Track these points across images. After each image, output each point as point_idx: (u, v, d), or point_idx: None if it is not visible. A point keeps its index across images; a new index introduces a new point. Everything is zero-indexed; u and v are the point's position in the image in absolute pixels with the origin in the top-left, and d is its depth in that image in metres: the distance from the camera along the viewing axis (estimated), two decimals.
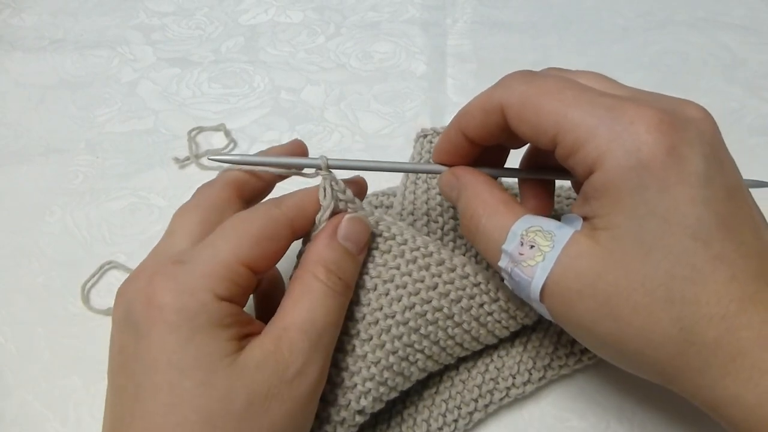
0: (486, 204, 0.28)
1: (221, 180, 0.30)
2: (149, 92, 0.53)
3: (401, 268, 0.30)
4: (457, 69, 0.55)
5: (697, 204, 0.23)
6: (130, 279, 0.27)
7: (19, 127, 0.51)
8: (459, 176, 0.30)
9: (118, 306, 0.26)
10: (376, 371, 0.28)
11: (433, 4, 0.61)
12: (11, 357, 0.37)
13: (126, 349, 0.25)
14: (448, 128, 0.31)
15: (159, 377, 0.24)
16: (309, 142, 0.49)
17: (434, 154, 0.32)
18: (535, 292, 0.25)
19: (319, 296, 0.27)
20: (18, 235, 0.43)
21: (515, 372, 0.34)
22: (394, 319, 0.29)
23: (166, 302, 0.24)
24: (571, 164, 0.25)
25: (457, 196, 0.30)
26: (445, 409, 0.33)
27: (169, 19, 0.61)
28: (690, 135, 0.24)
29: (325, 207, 0.28)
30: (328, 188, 0.29)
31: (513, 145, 0.31)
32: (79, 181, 0.47)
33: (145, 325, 0.24)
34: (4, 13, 0.62)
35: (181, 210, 0.29)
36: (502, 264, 0.27)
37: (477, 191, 0.29)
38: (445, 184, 0.31)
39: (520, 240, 0.26)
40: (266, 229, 0.27)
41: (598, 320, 0.24)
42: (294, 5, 0.62)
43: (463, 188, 0.29)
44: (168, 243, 0.28)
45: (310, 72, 0.55)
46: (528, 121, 0.26)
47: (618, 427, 0.33)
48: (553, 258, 0.25)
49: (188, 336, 0.24)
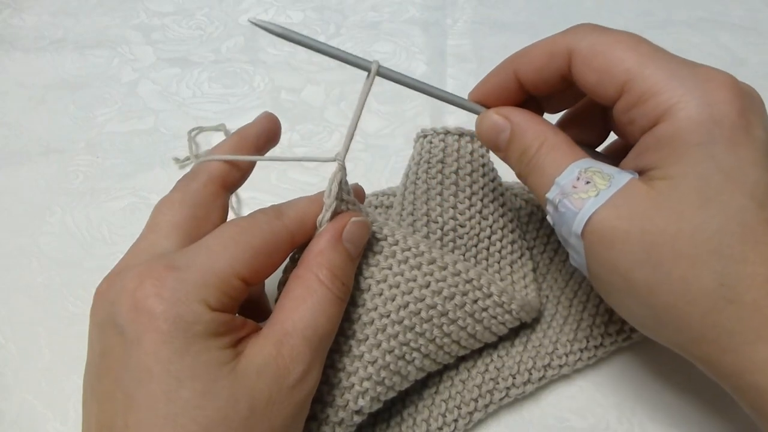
0: (547, 140, 0.28)
1: (205, 173, 0.29)
2: (149, 92, 0.53)
3: (393, 268, 0.30)
4: (457, 69, 0.55)
5: (758, 167, 0.24)
6: (112, 278, 0.26)
7: (19, 127, 0.51)
8: (510, 115, 0.29)
9: (100, 307, 0.25)
10: (373, 371, 0.28)
11: (433, 4, 0.61)
12: (11, 357, 0.37)
13: (110, 354, 0.24)
14: (496, 69, 0.30)
15: (154, 387, 0.23)
16: (309, 142, 0.49)
17: (473, 94, 0.31)
18: (579, 225, 0.25)
19: (322, 302, 0.26)
20: (18, 235, 0.43)
21: (515, 372, 0.34)
22: (389, 319, 0.29)
23: (157, 310, 0.23)
24: (633, 115, 0.26)
25: (504, 136, 0.29)
26: (444, 409, 0.33)
27: (169, 19, 0.61)
28: (755, 104, 0.25)
29: (327, 206, 0.28)
30: (336, 185, 0.28)
31: (551, 107, 0.31)
32: (79, 181, 0.47)
33: (133, 331, 0.23)
34: (4, 13, 0.62)
35: (165, 204, 0.28)
36: (550, 195, 0.26)
37: (536, 129, 0.28)
38: (488, 123, 0.30)
39: (577, 175, 0.26)
40: (267, 244, 0.26)
41: (636, 266, 0.24)
42: (294, 5, 0.62)
43: (516, 125, 0.29)
44: (151, 240, 0.27)
45: (310, 72, 0.55)
46: (596, 68, 0.26)
47: (618, 427, 0.33)
48: (606, 196, 0.25)
49: (183, 346, 0.23)
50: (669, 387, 0.34)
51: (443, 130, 0.37)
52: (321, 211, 0.28)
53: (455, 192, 0.36)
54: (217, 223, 0.29)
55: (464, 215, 0.36)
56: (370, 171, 0.46)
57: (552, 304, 0.37)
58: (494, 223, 0.37)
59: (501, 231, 0.37)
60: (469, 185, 0.37)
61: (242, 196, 0.45)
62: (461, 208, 0.36)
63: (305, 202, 0.29)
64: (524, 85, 0.29)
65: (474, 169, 0.37)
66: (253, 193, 0.45)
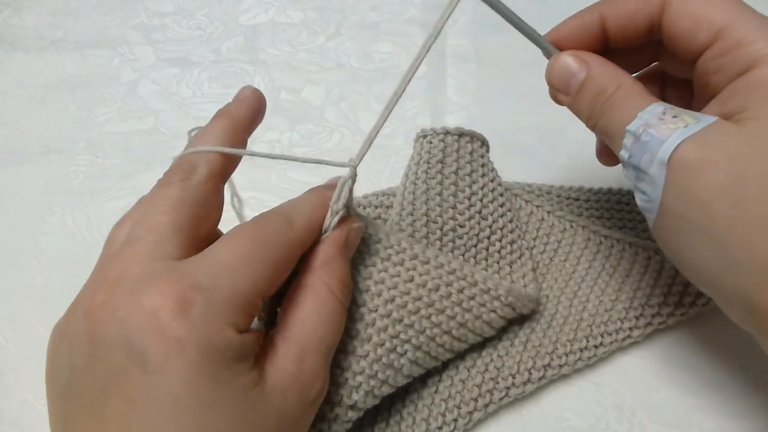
0: (625, 83, 0.28)
1: (205, 167, 0.27)
2: (149, 92, 0.53)
3: (377, 265, 0.31)
4: (457, 69, 0.55)
5: None
6: (111, 287, 0.23)
7: (19, 127, 0.51)
8: (587, 58, 0.29)
9: (102, 320, 0.23)
10: (366, 364, 0.29)
11: (433, 4, 0.61)
12: (11, 357, 0.37)
13: (122, 377, 0.22)
14: (580, 12, 0.30)
15: (184, 418, 0.21)
16: (309, 142, 0.49)
17: (549, 34, 0.31)
18: (667, 151, 0.25)
19: (335, 314, 0.27)
20: (18, 235, 0.43)
21: (515, 372, 0.34)
22: (377, 313, 0.29)
23: (187, 337, 0.22)
24: (725, 62, 0.26)
25: (577, 80, 0.29)
26: (444, 408, 0.33)
27: (169, 19, 0.61)
28: None
29: (335, 212, 0.28)
30: (346, 192, 0.28)
31: (633, 62, 0.32)
32: (79, 181, 0.47)
33: (158, 357, 0.22)
34: (4, 13, 0.62)
35: (163, 202, 0.26)
36: (632, 126, 0.26)
37: (615, 73, 0.28)
38: (562, 65, 0.30)
39: (663, 110, 0.26)
40: (285, 259, 0.26)
41: (719, 198, 0.24)
42: (294, 5, 0.62)
43: (593, 68, 0.29)
44: (152, 242, 0.25)
45: (310, 72, 0.55)
46: (693, 14, 0.27)
47: (618, 427, 0.33)
48: (695, 129, 0.25)
49: (215, 374, 0.22)
50: (669, 387, 0.34)
51: (443, 130, 0.37)
52: (325, 215, 0.28)
53: (455, 192, 0.36)
54: (216, 221, 0.28)
55: (463, 215, 0.36)
56: (370, 171, 0.46)
57: (552, 304, 0.37)
58: (493, 223, 0.37)
59: (500, 231, 0.37)
60: (469, 185, 0.37)
61: (242, 196, 0.45)
62: (461, 208, 0.36)
63: (310, 209, 0.28)
64: (608, 30, 0.29)
65: (473, 170, 0.37)
66: (253, 192, 0.45)
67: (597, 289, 0.37)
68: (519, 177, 0.44)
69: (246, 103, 0.30)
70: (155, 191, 0.27)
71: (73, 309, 0.25)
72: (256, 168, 0.46)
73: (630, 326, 0.35)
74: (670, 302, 0.35)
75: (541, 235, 0.40)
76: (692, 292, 0.36)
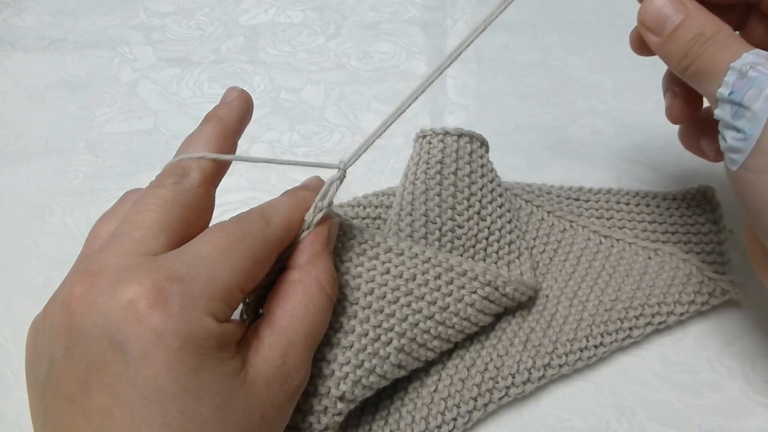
0: (725, 29, 0.28)
1: (198, 171, 0.28)
2: (149, 92, 0.53)
3: (353, 260, 0.31)
4: (457, 69, 0.55)
5: None
6: (90, 279, 0.23)
7: (19, 127, 0.51)
8: (685, 2, 0.29)
9: (81, 312, 0.23)
10: (351, 355, 0.29)
11: (433, 4, 0.61)
12: (11, 357, 0.37)
13: (104, 369, 0.22)
14: None
15: (170, 406, 0.22)
16: (309, 142, 0.49)
17: None
18: None
19: (323, 308, 0.27)
20: (18, 235, 0.43)
21: (515, 371, 0.34)
22: (358, 305, 0.30)
23: (166, 327, 0.22)
24: None
25: (673, 21, 0.29)
26: (444, 407, 0.33)
27: (169, 19, 0.61)
28: None
29: (319, 209, 0.29)
30: (333, 191, 0.29)
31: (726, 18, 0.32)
32: (79, 181, 0.47)
33: (138, 348, 0.22)
34: (4, 13, 0.62)
35: (153, 200, 0.26)
36: (737, 64, 0.26)
37: (714, 19, 0.28)
38: (658, 5, 0.29)
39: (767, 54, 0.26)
40: (263, 253, 0.26)
41: None
42: (294, 5, 0.62)
43: (692, 11, 0.28)
44: (137, 238, 0.25)
45: (310, 72, 0.55)
46: None
47: (618, 427, 0.33)
48: None
49: (197, 363, 0.23)
50: (669, 387, 0.34)
51: (443, 130, 0.37)
52: (301, 215, 0.29)
53: (454, 193, 0.36)
54: (205, 224, 0.28)
55: (462, 216, 0.36)
56: (370, 171, 0.46)
57: (552, 303, 0.37)
58: (492, 224, 0.37)
59: (498, 232, 0.37)
60: (468, 186, 0.37)
61: (242, 196, 0.45)
62: (460, 208, 0.36)
63: (287, 208, 0.28)
64: None
65: (473, 170, 0.37)
66: (253, 193, 0.45)
67: (597, 288, 0.37)
68: (519, 177, 0.44)
69: (234, 105, 0.30)
70: (147, 192, 0.27)
71: (52, 301, 0.25)
72: (257, 168, 0.46)
73: (630, 326, 0.35)
74: (669, 302, 0.35)
75: (541, 235, 0.40)
76: (692, 291, 0.36)
